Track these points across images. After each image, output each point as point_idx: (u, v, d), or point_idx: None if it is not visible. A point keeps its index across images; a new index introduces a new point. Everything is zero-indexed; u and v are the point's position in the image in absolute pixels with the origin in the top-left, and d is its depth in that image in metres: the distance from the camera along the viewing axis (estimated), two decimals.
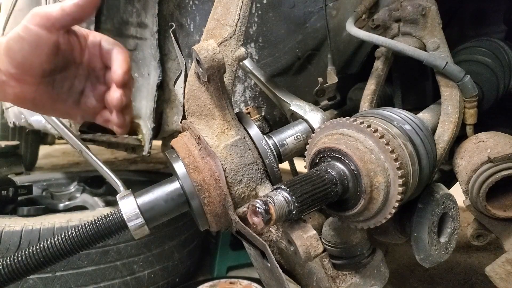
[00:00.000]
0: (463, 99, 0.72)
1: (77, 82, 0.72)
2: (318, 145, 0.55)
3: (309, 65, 1.12)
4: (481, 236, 0.71)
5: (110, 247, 1.22)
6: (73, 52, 0.69)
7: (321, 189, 0.48)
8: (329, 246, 0.62)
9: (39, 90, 0.67)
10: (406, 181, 0.50)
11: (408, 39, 0.76)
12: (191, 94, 0.61)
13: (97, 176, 1.83)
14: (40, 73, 0.65)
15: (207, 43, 0.53)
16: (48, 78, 0.67)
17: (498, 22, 0.98)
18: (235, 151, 0.57)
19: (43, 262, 0.52)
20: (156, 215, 0.57)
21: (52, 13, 0.62)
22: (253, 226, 0.44)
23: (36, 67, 0.64)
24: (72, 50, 0.69)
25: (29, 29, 0.61)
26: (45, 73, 0.66)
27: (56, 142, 4.73)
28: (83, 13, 0.65)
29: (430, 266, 0.62)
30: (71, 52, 0.69)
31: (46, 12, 0.62)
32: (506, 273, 0.63)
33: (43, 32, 0.62)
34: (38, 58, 0.63)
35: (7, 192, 1.51)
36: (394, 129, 0.57)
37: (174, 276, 1.45)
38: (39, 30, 0.61)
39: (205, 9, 1.10)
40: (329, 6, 1.02)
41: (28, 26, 0.61)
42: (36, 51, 0.62)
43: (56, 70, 0.68)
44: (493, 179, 0.61)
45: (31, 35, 0.61)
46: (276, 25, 1.07)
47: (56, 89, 0.70)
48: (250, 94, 1.14)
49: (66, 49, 0.67)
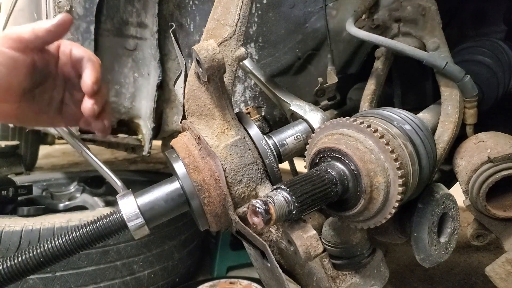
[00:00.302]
0: (463, 99, 0.72)
1: (55, 92, 0.74)
2: (318, 145, 0.55)
3: (309, 65, 1.12)
4: (481, 236, 0.71)
5: (110, 247, 1.22)
6: (48, 66, 0.70)
7: (321, 189, 0.48)
8: (329, 246, 0.62)
9: (21, 106, 0.68)
10: (406, 181, 0.50)
11: (408, 39, 0.76)
12: (191, 94, 0.61)
13: (97, 176, 1.83)
14: (19, 92, 0.66)
15: (207, 43, 0.53)
16: (28, 94, 0.68)
17: (498, 22, 0.98)
18: (235, 151, 0.57)
19: (43, 262, 0.52)
20: (156, 215, 0.57)
21: (25, 35, 0.62)
22: (253, 226, 0.44)
23: (15, 87, 0.65)
24: (48, 65, 0.70)
25: (3, 53, 0.61)
26: (24, 91, 0.67)
27: (56, 142, 4.73)
28: (55, 37, 0.66)
29: (430, 266, 0.62)
30: (47, 66, 0.70)
31: (18, 35, 0.62)
32: (506, 273, 0.63)
33: (17, 54, 0.62)
34: (16, 78, 0.64)
35: (7, 192, 1.51)
36: (394, 129, 0.57)
37: (174, 276, 1.45)
38: (13, 53, 0.62)
39: (205, 9, 1.10)
40: (329, 6, 1.02)
41: (1, 50, 0.61)
42: (14, 73, 0.63)
43: (35, 85, 0.69)
44: (493, 179, 0.61)
45: (6, 58, 0.61)
46: (276, 25, 1.07)
47: (37, 102, 0.71)
48: (250, 94, 1.14)
49: (42, 66, 0.68)
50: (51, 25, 0.64)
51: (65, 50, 0.70)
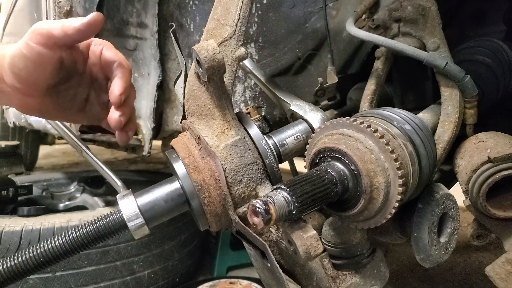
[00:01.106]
0: (463, 99, 0.72)
1: (81, 90, 0.72)
2: (318, 145, 0.55)
3: (309, 65, 1.12)
4: (481, 236, 0.71)
5: (110, 247, 1.22)
6: (76, 64, 0.68)
7: (321, 189, 0.48)
8: (329, 246, 0.62)
9: (45, 101, 0.67)
10: (406, 181, 0.50)
11: (408, 39, 0.76)
12: (191, 94, 0.61)
13: (97, 176, 1.83)
14: (45, 87, 0.65)
15: (207, 43, 0.53)
16: (52, 89, 0.67)
17: (498, 22, 0.98)
18: (235, 151, 0.57)
19: (43, 262, 0.52)
20: (156, 215, 0.57)
21: (54, 32, 0.60)
22: (253, 226, 0.44)
23: (40, 82, 0.64)
24: (75, 63, 0.68)
25: (31, 48, 0.60)
26: (49, 86, 0.66)
27: (56, 142, 4.73)
28: (85, 36, 0.64)
29: (430, 266, 0.62)
30: (75, 64, 0.68)
31: (47, 30, 0.60)
32: (506, 273, 0.63)
33: (45, 51, 0.61)
34: (43, 74, 0.63)
35: (7, 192, 1.51)
36: (394, 129, 0.57)
37: (174, 276, 1.45)
38: (41, 49, 0.60)
39: (205, 9, 1.10)
40: (329, 6, 1.02)
41: (30, 44, 0.60)
42: (40, 69, 0.62)
43: (61, 82, 0.68)
44: (493, 179, 0.61)
45: (34, 54, 0.60)
46: (276, 25, 1.07)
47: (61, 98, 0.70)
48: (250, 94, 1.14)
49: (69, 63, 0.66)
50: (81, 24, 0.61)
51: (95, 50, 0.68)
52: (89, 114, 0.75)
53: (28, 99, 0.65)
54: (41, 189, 1.89)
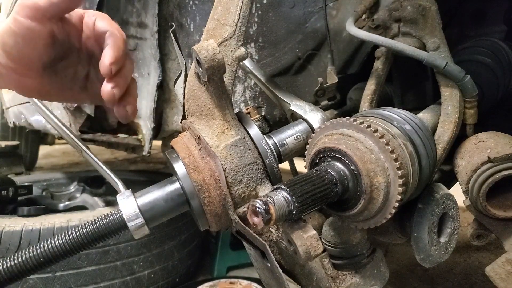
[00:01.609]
0: (463, 99, 0.72)
1: (80, 67, 0.69)
2: (318, 145, 0.55)
3: (309, 65, 1.12)
4: (481, 236, 0.71)
5: (110, 247, 1.22)
6: (70, 39, 0.64)
7: (321, 189, 0.48)
8: (329, 246, 0.62)
9: (43, 81, 0.64)
10: (406, 181, 0.50)
11: (408, 39, 0.76)
12: (191, 94, 0.61)
13: (97, 176, 1.83)
14: (40, 66, 0.62)
15: (207, 43, 0.53)
16: (50, 68, 0.65)
17: (498, 22, 0.98)
18: (235, 151, 0.57)
19: (43, 262, 0.52)
20: (156, 215, 0.57)
21: (40, 3, 0.57)
22: (253, 226, 0.44)
23: (34, 60, 0.61)
24: (69, 37, 0.64)
25: (20, 22, 0.57)
26: (45, 64, 0.63)
27: (56, 142, 4.74)
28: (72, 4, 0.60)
29: (430, 266, 0.62)
30: (69, 38, 0.64)
31: (34, 2, 0.57)
32: (506, 273, 0.63)
33: (34, 24, 0.57)
34: (35, 51, 0.60)
35: (7, 192, 1.51)
36: (394, 129, 0.57)
37: (174, 276, 1.45)
38: (30, 23, 0.57)
39: (205, 9, 1.10)
40: (329, 6, 1.02)
41: (18, 19, 0.57)
42: (31, 45, 0.59)
43: (56, 59, 0.65)
44: (493, 179, 0.61)
45: (23, 28, 0.57)
46: (276, 25, 1.07)
47: (60, 77, 0.67)
48: (250, 94, 1.14)
49: (63, 37, 0.63)
50: None
51: (88, 22, 0.63)
52: (91, 93, 0.72)
53: (25, 80, 0.63)
54: (41, 189, 1.90)
